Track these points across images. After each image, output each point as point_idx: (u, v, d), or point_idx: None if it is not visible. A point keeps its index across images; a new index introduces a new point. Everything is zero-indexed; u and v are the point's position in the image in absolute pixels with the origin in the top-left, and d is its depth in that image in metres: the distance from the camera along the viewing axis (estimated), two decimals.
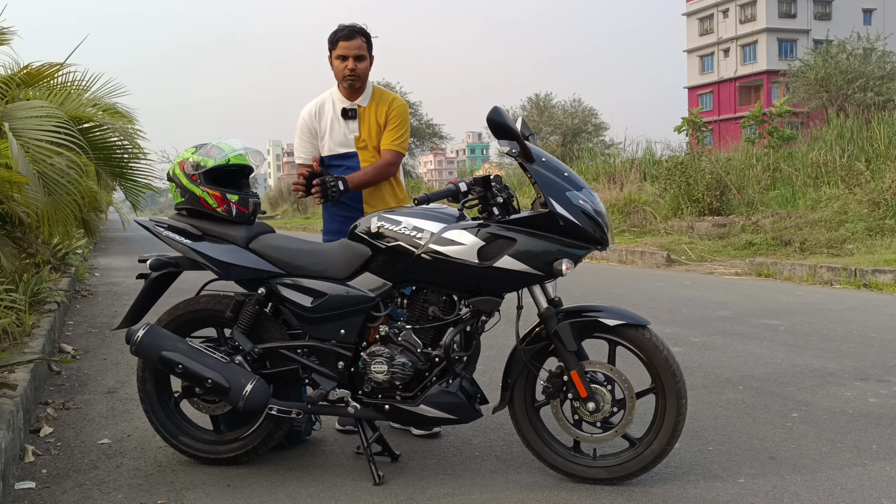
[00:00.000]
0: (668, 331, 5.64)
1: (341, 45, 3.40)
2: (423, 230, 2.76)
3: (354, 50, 3.40)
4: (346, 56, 3.40)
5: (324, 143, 3.52)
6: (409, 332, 2.85)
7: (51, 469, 3.05)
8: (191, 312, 3.07)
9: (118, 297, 8.37)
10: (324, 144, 3.53)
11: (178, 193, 3.03)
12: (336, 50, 3.42)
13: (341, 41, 3.40)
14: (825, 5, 51.65)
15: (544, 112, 38.66)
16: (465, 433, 3.40)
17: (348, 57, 3.39)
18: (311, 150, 3.54)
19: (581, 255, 2.69)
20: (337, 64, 3.43)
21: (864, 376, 4.28)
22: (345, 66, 3.40)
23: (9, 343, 4.41)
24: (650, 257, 11.11)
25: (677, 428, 2.72)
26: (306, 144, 3.55)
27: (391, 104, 3.53)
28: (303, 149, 3.56)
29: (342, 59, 3.41)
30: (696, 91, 54.61)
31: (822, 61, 31.69)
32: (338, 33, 3.42)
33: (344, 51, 3.40)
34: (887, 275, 7.89)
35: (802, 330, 5.66)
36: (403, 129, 3.53)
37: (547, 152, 2.81)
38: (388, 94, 3.60)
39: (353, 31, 3.41)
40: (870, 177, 11.67)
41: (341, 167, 3.49)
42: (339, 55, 3.41)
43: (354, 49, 3.40)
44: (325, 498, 2.72)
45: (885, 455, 3.05)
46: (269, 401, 2.89)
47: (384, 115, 3.51)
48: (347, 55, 3.39)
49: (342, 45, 3.40)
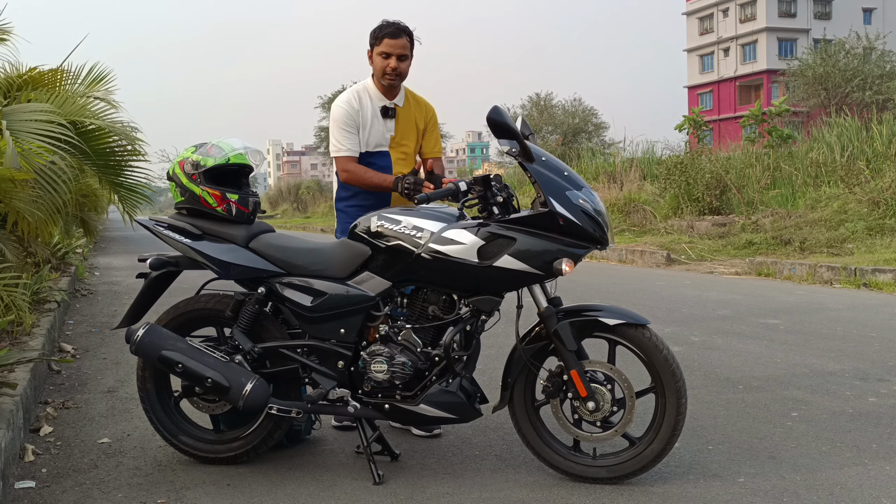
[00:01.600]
0: (667, 330, 5.64)
1: (386, 42, 3.32)
2: (423, 229, 2.76)
3: (399, 49, 3.33)
4: (389, 54, 3.32)
5: (362, 139, 3.41)
6: (408, 331, 2.85)
7: (51, 468, 3.05)
8: (191, 312, 3.07)
9: (118, 296, 8.37)
10: (362, 140, 3.41)
11: (177, 193, 3.03)
12: (380, 46, 3.34)
13: (387, 38, 3.32)
14: (825, 5, 51.64)
15: (544, 111, 38.62)
16: (465, 432, 3.40)
17: (392, 55, 3.32)
18: (356, 142, 3.39)
19: (581, 254, 2.69)
20: (379, 60, 3.35)
21: (864, 376, 4.28)
22: (387, 64, 3.33)
23: (9, 342, 4.41)
24: (650, 257, 11.11)
25: (677, 427, 2.72)
26: (353, 137, 3.39)
27: (428, 110, 3.58)
28: (350, 141, 3.38)
29: (385, 56, 3.33)
30: (696, 90, 54.61)
31: (820, 60, 31.69)
32: (384, 29, 3.34)
33: (389, 48, 3.32)
34: (887, 274, 7.89)
35: (802, 329, 5.66)
36: (440, 135, 3.64)
37: (547, 152, 2.81)
38: (420, 98, 3.59)
39: (400, 30, 3.34)
40: (870, 176, 11.67)
41: (373, 166, 3.41)
42: (383, 52, 3.33)
43: (399, 48, 3.33)
44: (324, 497, 2.73)
45: (884, 455, 3.05)
46: (268, 400, 2.89)
47: (423, 120, 3.53)
48: (392, 53, 3.32)
49: (387, 43, 3.32)
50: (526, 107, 39.57)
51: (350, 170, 3.39)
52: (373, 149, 3.44)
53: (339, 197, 3.57)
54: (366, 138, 3.42)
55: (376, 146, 3.44)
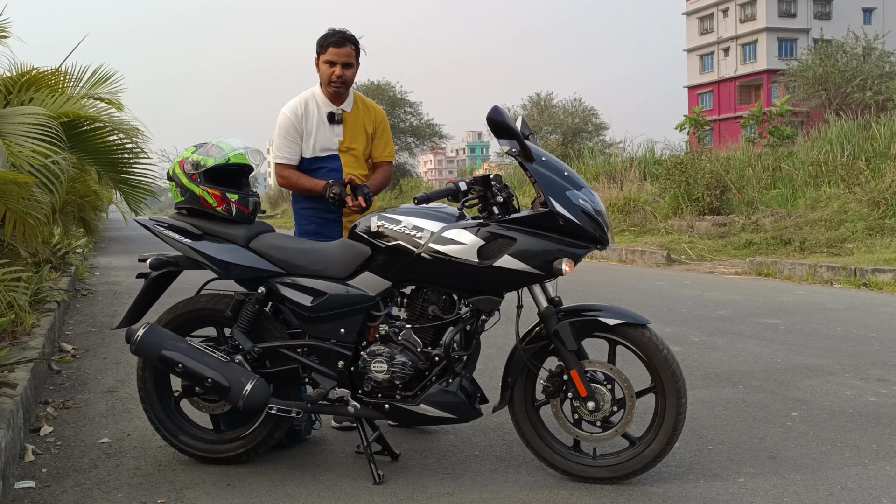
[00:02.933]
0: (667, 330, 5.64)
1: (331, 51, 3.42)
2: (423, 229, 2.77)
3: (343, 57, 3.42)
4: (334, 62, 3.42)
5: (308, 145, 3.52)
6: (408, 331, 2.85)
7: (51, 468, 3.05)
8: (191, 312, 3.07)
9: (118, 296, 8.37)
10: (308, 146, 3.52)
11: (177, 193, 3.03)
12: (325, 55, 3.44)
13: (332, 47, 3.42)
14: (825, 5, 51.62)
15: (544, 111, 38.61)
16: (464, 432, 3.40)
17: (336, 63, 3.42)
18: (296, 150, 3.52)
19: (581, 254, 2.69)
20: (324, 68, 3.45)
21: (864, 376, 4.28)
22: (332, 72, 3.43)
23: (9, 342, 4.41)
24: (650, 256, 11.11)
25: (677, 427, 2.72)
26: (292, 145, 3.51)
27: (377, 114, 3.65)
28: (288, 149, 3.51)
29: (330, 64, 3.43)
30: (696, 90, 54.60)
31: (820, 60, 31.69)
32: (328, 38, 3.43)
33: (333, 56, 3.42)
34: (887, 274, 7.89)
35: (802, 329, 5.66)
36: (391, 140, 3.70)
37: (547, 151, 2.81)
38: (369, 102, 3.68)
39: (344, 38, 3.43)
40: (870, 176, 11.67)
41: (323, 168, 3.51)
42: (328, 60, 3.43)
43: (344, 56, 3.42)
44: (324, 497, 2.73)
45: (884, 454, 3.05)
46: (269, 400, 2.89)
47: (372, 124, 3.60)
48: (336, 61, 3.42)
49: (332, 51, 3.42)
50: (526, 107, 39.57)
51: (285, 175, 3.55)
52: (321, 153, 3.53)
53: (294, 199, 3.67)
54: (312, 144, 3.52)
55: (323, 150, 3.53)
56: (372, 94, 37.15)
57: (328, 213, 3.51)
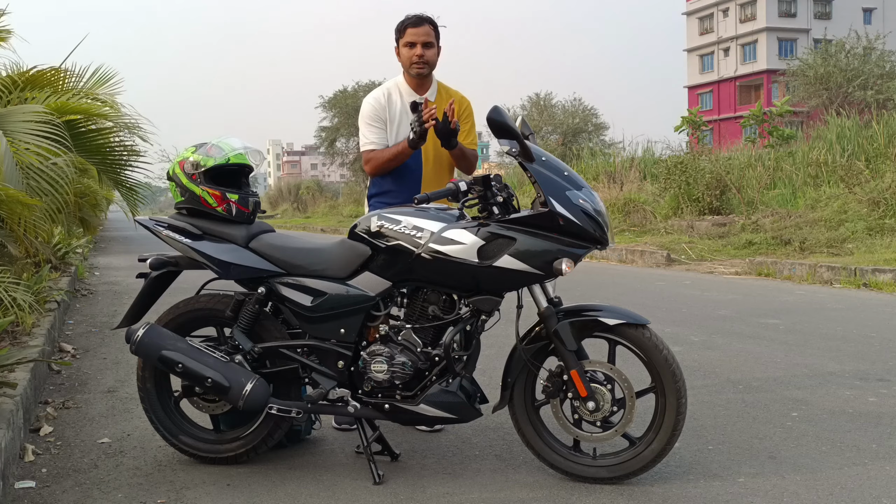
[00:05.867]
0: (667, 330, 5.63)
1: (409, 32, 3.38)
2: (423, 229, 2.76)
3: (423, 36, 3.38)
4: (414, 43, 3.37)
5: (392, 133, 3.45)
6: (408, 331, 2.85)
7: (51, 468, 3.05)
8: (191, 311, 3.07)
9: (118, 296, 8.37)
10: (392, 134, 3.45)
11: (177, 193, 3.03)
12: (404, 37, 3.39)
13: (409, 28, 3.38)
14: (825, 5, 51.62)
15: (544, 111, 38.59)
16: (464, 432, 3.40)
17: (416, 44, 3.37)
18: (382, 135, 3.45)
19: (581, 254, 2.69)
20: (405, 52, 3.40)
21: (864, 376, 4.28)
22: (413, 53, 3.38)
23: (9, 342, 4.41)
24: (650, 257, 11.11)
25: (677, 427, 2.72)
26: (379, 132, 3.44)
27: (462, 101, 3.56)
28: (376, 135, 3.44)
29: (410, 46, 3.38)
30: (696, 90, 54.59)
31: (821, 60, 31.69)
32: (405, 21, 3.40)
33: (412, 37, 3.37)
34: (887, 274, 7.89)
35: (802, 329, 5.66)
36: (475, 128, 3.59)
37: (547, 151, 2.81)
38: (454, 91, 3.61)
39: (421, 19, 3.40)
40: (869, 176, 11.67)
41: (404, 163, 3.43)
42: (408, 42, 3.38)
43: (423, 35, 3.38)
44: (324, 497, 2.73)
45: (885, 455, 3.05)
46: (268, 400, 2.89)
47: (457, 112, 3.48)
48: (416, 41, 3.37)
49: (410, 32, 3.38)
50: (526, 107, 39.54)
51: (370, 158, 3.46)
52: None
53: (370, 194, 3.60)
54: (395, 133, 3.45)
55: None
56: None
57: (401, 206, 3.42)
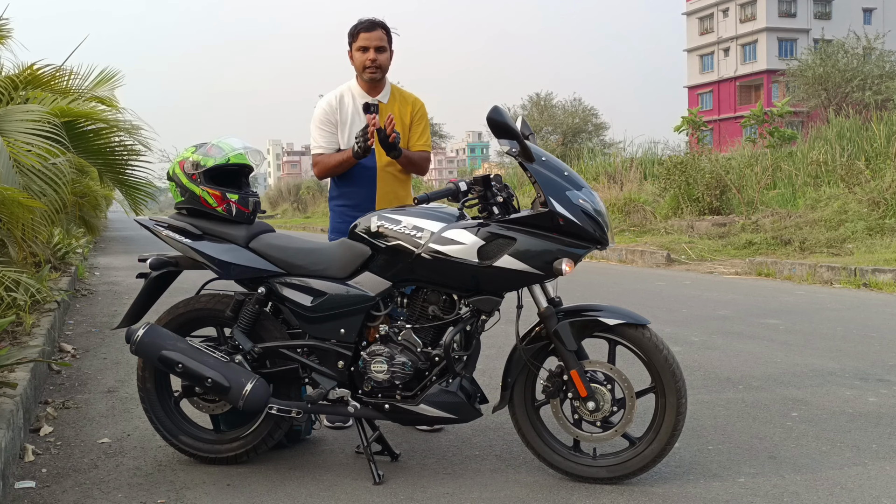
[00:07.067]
0: (667, 330, 5.63)
1: (362, 37, 3.42)
2: (423, 229, 2.77)
3: (375, 41, 3.42)
4: (367, 47, 3.41)
5: (344, 136, 3.49)
6: (408, 331, 2.85)
7: (51, 468, 3.05)
8: (191, 312, 3.07)
9: (118, 296, 8.37)
10: (344, 137, 3.49)
11: (177, 193, 3.03)
12: (357, 41, 3.43)
13: (362, 32, 3.42)
14: (825, 5, 51.63)
15: (544, 111, 38.62)
16: (465, 432, 3.40)
17: (369, 48, 3.41)
18: (332, 140, 3.50)
19: (581, 254, 2.69)
20: (358, 56, 3.44)
21: (864, 376, 4.28)
22: (366, 57, 3.42)
23: (9, 342, 4.41)
24: (650, 257, 11.11)
25: (677, 427, 2.72)
26: (328, 135, 3.50)
27: (414, 104, 3.60)
28: (324, 139, 3.50)
29: (363, 50, 3.42)
30: (696, 90, 54.60)
31: (820, 60, 31.69)
32: (358, 25, 3.44)
33: (365, 42, 3.41)
34: (887, 274, 7.89)
35: (802, 329, 5.66)
36: (428, 130, 3.64)
37: (547, 151, 2.81)
38: (407, 94, 3.64)
39: (374, 24, 3.44)
40: (870, 176, 11.67)
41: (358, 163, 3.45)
42: (361, 46, 3.42)
43: (375, 40, 3.42)
44: (324, 497, 2.73)
45: (884, 455, 3.05)
46: (268, 400, 2.89)
47: (409, 114, 3.55)
48: (369, 46, 3.41)
49: (363, 37, 3.42)
50: (526, 107, 39.57)
51: (317, 161, 3.52)
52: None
53: (330, 196, 3.66)
54: (347, 136, 3.49)
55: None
56: None
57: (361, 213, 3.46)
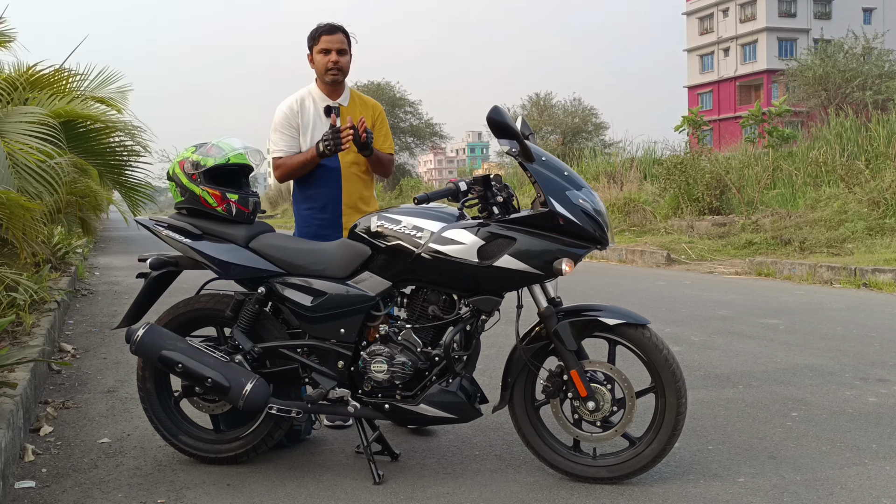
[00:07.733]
0: (667, 330, 5.64)
1: (324, 39, 3.45)
2: (423, 229, 2.77)
3: (337, 44, 3.45)
4: (329, 49, 3.45)
5: (306, 140, 3.51)
6: (408, 331, 2.85)
7: (51, 468, 3.05)
8: (191, 311, 3.07)
9: (118, 296, 8.37)
10: (306, 140, 3.51)
11: (177, 192, 3.03)
12: (318, 44, 3.47)
13: (324, 35, 3.46)
14: (825, 5, 51.63)
15: (544, 111, 38.62)
16: (464, 432, 3.40)
17: (331, 50, 3.45)
18: (293, 143, 3.51)
19: (581, 254, 2.69)
20: (319, 58, 3.47)
21: (864, 376, 4.28)
22: (328, 60, 3.45)
23: (9, 342, 4.41)
24: (650, 256, 11.11)
25: (677, 427, 2.72)
26: (289, 139, 3.51)
27: (375, 108, 3.65)
28: (285, 143, 3.50)
29: (325, 52, 3.45)
30: (696, 90, 54.60)
31: (820, 61, 31.69)
32: (319, 29, 3.48)
33: (327, 44, 3.45)
34: (887, 274, 7.89)
35: (802, 329, 5.66)
36: (390, 133, 3.69)
37: (547, 151, 2.81)
38: (367, 98, 3.69)
39: (334, 27, 3.48)
40: (869, 176, 11.67)
41: (322, 164, 3.47)
42: (322, 49, 3.45)
43: (337, 43, 3.45)
44: (324, 497, 2.73)
45: (884, 455, 3.05)
46: (268, 400, 2.89)
47: (369, 118, 3.57)
48: (331, 48, 3.45)
49: (325, 39, 3.45)
50: (526, 107, 39.57)
51: (279, 164, 3.51)
52: None
53: (294, 200, 3.66)
54: (309, 138, 3.50)
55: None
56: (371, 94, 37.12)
57: (326, 215, 3.50)
